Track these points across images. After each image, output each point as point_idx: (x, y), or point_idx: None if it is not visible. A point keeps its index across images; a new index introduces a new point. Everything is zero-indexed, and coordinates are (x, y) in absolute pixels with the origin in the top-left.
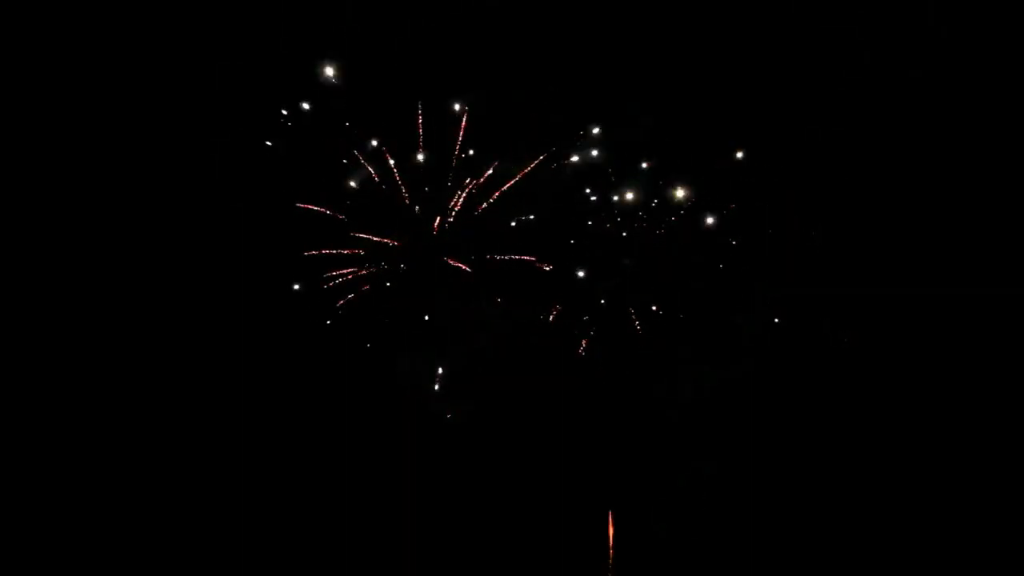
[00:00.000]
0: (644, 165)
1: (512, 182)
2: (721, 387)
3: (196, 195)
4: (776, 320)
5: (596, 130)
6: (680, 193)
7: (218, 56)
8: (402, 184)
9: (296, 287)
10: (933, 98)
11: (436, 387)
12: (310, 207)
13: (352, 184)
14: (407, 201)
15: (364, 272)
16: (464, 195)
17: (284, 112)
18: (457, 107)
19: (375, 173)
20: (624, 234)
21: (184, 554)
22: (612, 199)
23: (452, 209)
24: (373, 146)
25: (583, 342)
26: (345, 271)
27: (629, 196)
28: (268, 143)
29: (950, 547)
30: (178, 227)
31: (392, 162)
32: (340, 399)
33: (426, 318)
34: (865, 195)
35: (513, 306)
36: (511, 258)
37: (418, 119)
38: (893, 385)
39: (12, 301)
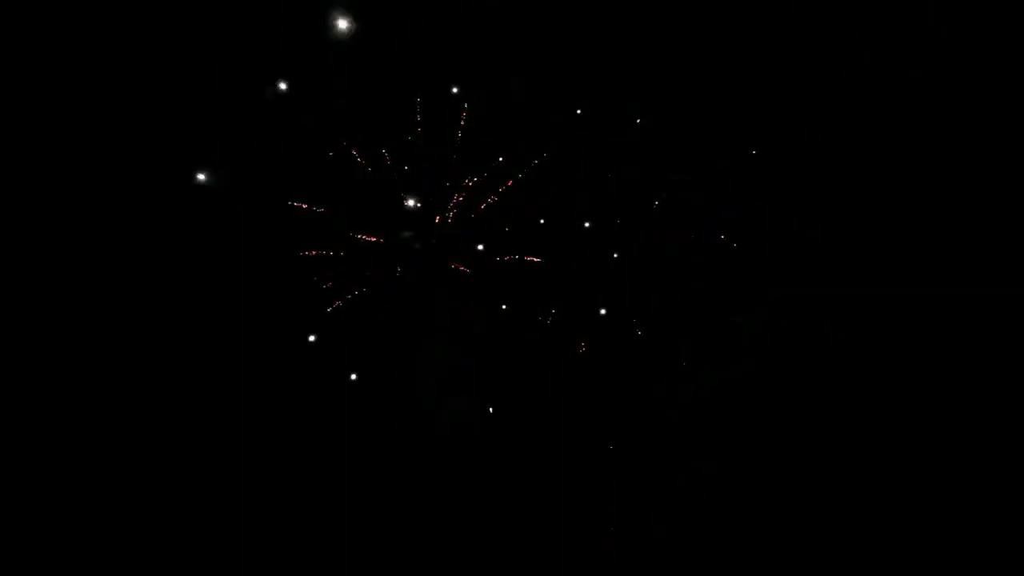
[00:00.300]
0: (644, 165)
1: (511, 181)
2: (721, 387)
3: (193, 194)
4: (776, 320)
5: (597, 129)
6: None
7: (214, 52)
8: (400, 183)
9: (292, 288)
10: (933, 98)
11: (434, 388)
12: (305, 206)
13: (349, 183)
14: (405, 201)
15: (360, 272)
16: (463, 194)
17: (280, 110)
18: (456, 105)
19: (373, 172)
20: (624, 234)
21: (173, 557)
22: (612, 199)
23: (451, 208)
24: (371, 144)
25: (582, 343)
26: (341, 271)
27: (629, 196)
28: (264, 141)
29: (950, 547)
30: (174, 225)
31: (389, 160)
32: (337, 400)
33: (425, 319)
34: (865, 195)
35: (513, 306)
36: (511, 258)
37: (417, 117)
38: (894, 385)
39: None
